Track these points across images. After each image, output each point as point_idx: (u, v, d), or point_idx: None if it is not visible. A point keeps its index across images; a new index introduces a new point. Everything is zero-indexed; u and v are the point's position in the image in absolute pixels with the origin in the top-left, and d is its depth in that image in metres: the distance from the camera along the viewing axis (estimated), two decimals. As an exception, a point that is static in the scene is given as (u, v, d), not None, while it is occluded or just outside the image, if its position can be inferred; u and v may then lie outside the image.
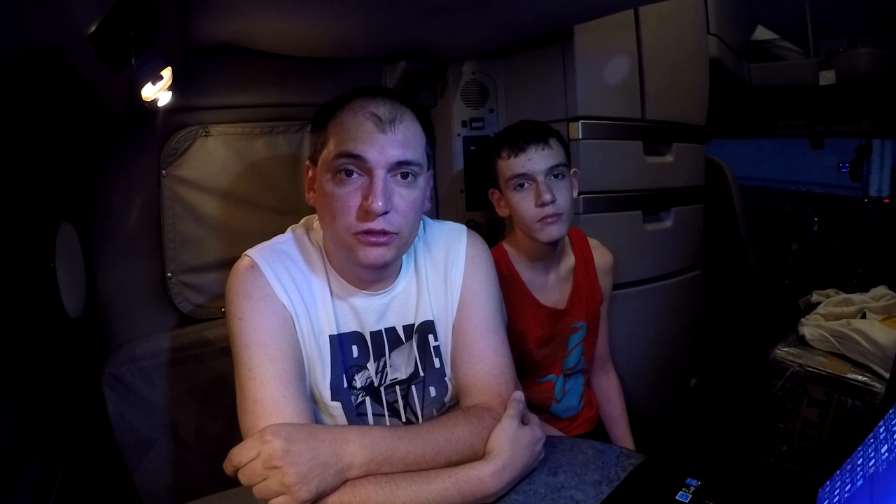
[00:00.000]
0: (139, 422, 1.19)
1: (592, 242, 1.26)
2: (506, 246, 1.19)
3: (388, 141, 0.71)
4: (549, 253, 1.15)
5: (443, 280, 0.84)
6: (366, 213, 0.70)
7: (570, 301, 1.20)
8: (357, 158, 0.71)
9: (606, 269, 1.26)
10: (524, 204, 1.07)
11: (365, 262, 0.73)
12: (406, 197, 0.73)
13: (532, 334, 1.16)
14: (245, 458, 0.61)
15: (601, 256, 1.25)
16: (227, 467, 0.63)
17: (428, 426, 0.72)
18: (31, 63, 0.65)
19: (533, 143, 1.06)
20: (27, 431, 0.81)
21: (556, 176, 1.07)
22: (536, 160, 1.05)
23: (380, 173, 0.71)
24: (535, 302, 1.17)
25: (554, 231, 1.06)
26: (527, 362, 1.18)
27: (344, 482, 0.63)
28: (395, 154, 0.71)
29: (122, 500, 1.20)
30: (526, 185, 1.07)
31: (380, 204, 0.69)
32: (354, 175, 0.71)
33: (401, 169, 0.73)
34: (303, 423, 0.66)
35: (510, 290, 1.14)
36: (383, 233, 0.71)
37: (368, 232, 0.71)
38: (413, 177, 0.74)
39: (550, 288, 1.19)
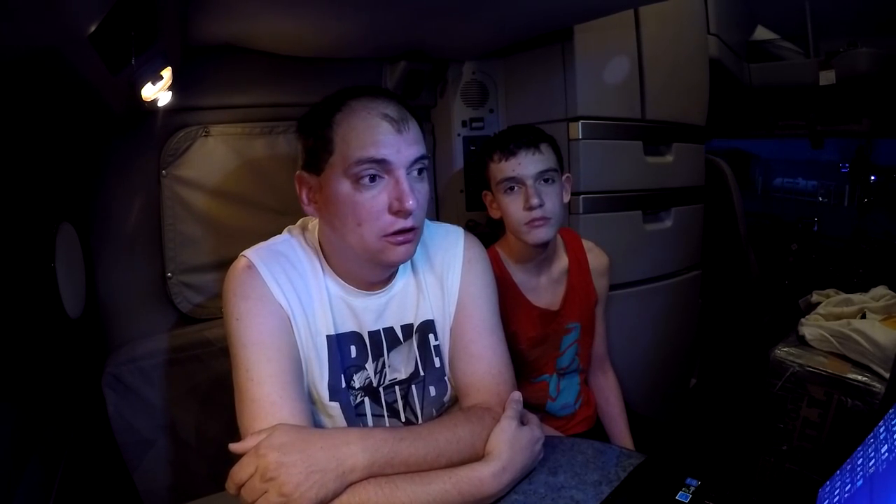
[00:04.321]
0: (139, 422, 1.19)
1: (587, 244, 1.26)
2: (498, 248, 1.20)
3: (404, 140, 0.72)
4: (539, 255, 1.16)
5: (439, 282, 0.85)
6: (397, 214, 0.71)
7: (563, 302, 1.20)
8: (381, 162, 0.71)
9: (601, 271, 1.26)
10: (513, 207, 1.09)
11: (394, 262, 0.75)
12: (422, 191, 0.75)
13: (524, 335, 1.17)
14: (244, 474, 0.62)
15: (596, 258, 1.26)
16: (230, 486, 0.63)
17: (429, 427, 0.72)
18: (31, 63, 0.65)
19: (523, 147, 1.08)
20: (27, 431, 0.81)
21: (545, 181, 1.08)
22: (526, 164, 1.07)
23: (402, 173, 0.72)
24: (528, 303, 1.18)
25: (541, 234, 1.08)
26: (520, 362, 1.18)
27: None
28: (412, 152, 0.73)
29: (122, 500, 1.20)
30: (515, 188, 1.09)
31: (411, 202, 0.71)
32: (377, 178, 0.72)
33: (416, 165, 0.74)
34: (301, 429, 0.66)
35: (502, 291, 1.14)
36: (413, 229, 0.73)
37: (400, 231, 0.72)
38: (425, 171, 0.77)
39: (543, 289, 1.20)
